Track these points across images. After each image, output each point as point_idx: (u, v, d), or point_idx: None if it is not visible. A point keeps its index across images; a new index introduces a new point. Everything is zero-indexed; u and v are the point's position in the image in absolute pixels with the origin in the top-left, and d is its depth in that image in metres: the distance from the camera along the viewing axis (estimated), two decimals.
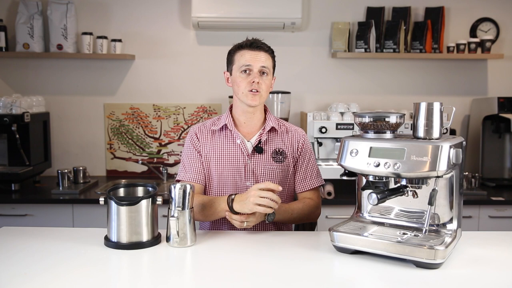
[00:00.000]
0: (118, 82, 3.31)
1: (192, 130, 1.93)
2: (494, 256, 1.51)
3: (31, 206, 2.70)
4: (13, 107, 2.87)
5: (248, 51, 1.80)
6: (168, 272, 1.38)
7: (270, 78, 1.85)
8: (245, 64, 1.79)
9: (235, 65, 1.83)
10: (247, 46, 1.81)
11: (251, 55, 1.80)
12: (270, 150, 1.88)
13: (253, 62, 1.79)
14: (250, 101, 1.80)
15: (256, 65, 1.79)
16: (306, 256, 1.50)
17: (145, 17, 3.26)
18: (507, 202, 2.74)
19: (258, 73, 1.79)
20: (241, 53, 1.81)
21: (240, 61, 1.81)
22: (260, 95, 1.81)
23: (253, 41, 1.82)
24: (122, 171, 3.34)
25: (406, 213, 1.58)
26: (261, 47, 1.81)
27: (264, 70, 1.80)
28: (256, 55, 1.80)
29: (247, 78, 1.79)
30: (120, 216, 1.55)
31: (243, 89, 1.80)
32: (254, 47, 1.80)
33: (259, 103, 1.82)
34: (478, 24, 3.29)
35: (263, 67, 1.80)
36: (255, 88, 1.78)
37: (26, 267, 1.39)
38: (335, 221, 2.58)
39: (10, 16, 3.20)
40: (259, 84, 1.78)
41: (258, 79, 1.78)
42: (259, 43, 1.82)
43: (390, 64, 3.33)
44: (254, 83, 1.78)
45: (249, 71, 1.79)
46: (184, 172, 1.89)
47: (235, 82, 1.83)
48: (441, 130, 1.46)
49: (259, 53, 1.80)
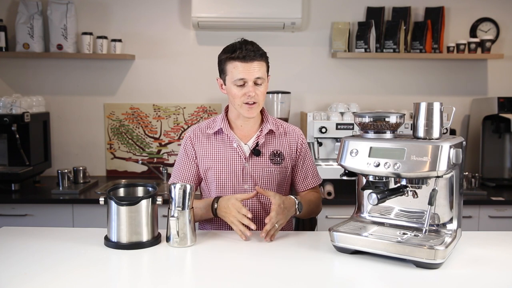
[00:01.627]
0: (118, 82, 3.31)
1: (187, 135, 1.90)
2: (494, 256, 1.51)
3: (31, 206, 2.70)
4: (13, 107, 2.87)
5: (241, 63, 1.72)
6: (168, 272, 1.38)
7: (266, 84, 1.80)
8: (239, 78, 1.72)
9: (228, 76, 1.76)
10: (238, 59, 1.72)
11: (244, 67, 1.72)
12: (268, 152, 1.86)
13: (247, 75, 1.72)
14: (247, 114, 1.77)
15: (251, 78, 1.73)
16: (306, 256, 1.51)
17: (145, 17, 3.26)
18: (507, 202, 2.74)
19: (252, 84, 1.74)
20: (233, 64, 1.73)
21: (233, 73, 1.73)
22: (257, 105, 1.77)
23: (246, 53, 1.72)
24: (122, 171, 3.34)
25: (406, 213, 1.58)
26: (253, 58, 1.72)
27: (258, 81, 1.75)
28: (249, 67, 1.72)
29: (242, 90, 1.74)
30: (120, 216, 1.55)
31: (238, 101, 1.76)
32: (246, 60, 1.71)
33: (255, 113, 1.79)
34: (478, 24, 3.29)
35: (257, 78, 1.74)
36: (251, 101, 1.75)
37: (26, 267, 1.39)
38: (335, 221, 2.57)
39: (10, 16, 3.20)
40: (255, 96, 1.74)
41: (253, 91, 1.73)
42: (250, 54, 1.72)
43: (390, 64, 3.33)
44: (249, 97, 1.74)
45: (243, 83, 1.74)
46: (173, 177, 1.91)
47: (230, 93, 1.78)
48: (441, 130, 1.46)
49: (252, 64, 1.72)
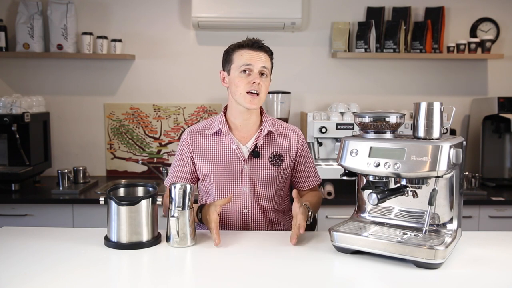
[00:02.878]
0: (118, 82, 3.31)
1: (184, 136, 1.89)
2: (494, 256, 1.51)
3: (31, 206, 2.70)
4: (13, 107, 2.87)
5: (249, 51, 1.75)
6: (168, 272, 1.38)
7: (269, 80, 1.81)
8: (246, 64, 1.74)
9: (234, 64, 1.77)
10: (248, 46, 1.76)
11: (252, 55, 1.75)
12: (267, 154, 1.83)
13: (254, 62, 1.74)
14: (249, 104, 1.75)
15: (257, 65, 1.74)
16: (306, 256, 1.50)
17: (145, 17, 3.26)
18: (507, 202, 2.74)
19: (258, 73, 1.75)
20: (240, 52, 1.76)
21: (240, 60, 1.75)
22: (259, 98, 1.76)
23: (254, 41, 1.78)
24: (122, 171, 3.34)
25: (406, 213, 1.57)
26: (262, 47, 1.77)
27: (264, 71, 1.76)
28: (256, 55, 1.75)
29: (246, 78, 1.74)
30: (120, 216, 1.55)
31: (241, 89, 1.74)
32: (255, 47, 1.76)
33: (257, 106, 1.78)
34: (478, 24, 3.29)
35: (263, 67, 1.75)
36: (255, 89, 1.73)
37: (26, 267, 1.39)
38: (335, 221, 2.57)
39: (10, 16, 3.20)
40: (259, 85, 1.74)
41: (259, 79, 1.74)
42: (260, 43, 1.78)
43: (390, 64, 3.33)
44: (254, 84, 1.73)
45: (249, 71, 1.74)
46: (169, 178, 1.90)
47: (233, 82, 1.77)
48: (441, 130, 1.46)
49: (259, 54, 1.76)
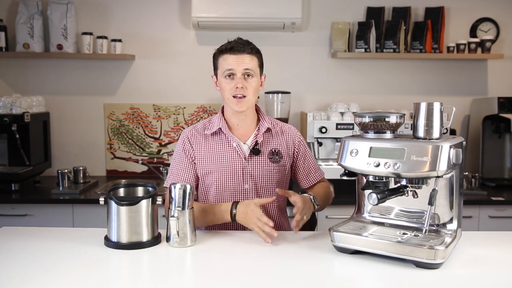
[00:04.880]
0: (118, 82, 3.31)
1: (183, 135, 1.88)
2: (494, 256, 1.51)
3: (31, 206, 2.70)
4: (13, 107, 2.87)
5: (230, 55, 1.74)
6: (168, 272, 1.38)
7: (257, 79, 1.79)
8: (228, 69, 1.74)
9: (219, 70, 1.79)
10: (227, 50, 1.75)
11: (233, 59, 1.74)
12: (267, 151, 1.86)
13: (235, 66, 1.73)
14: (236, 107, 1.77)
15: (239, 69, 1.73)
16: (306, 256, 1.51)
17: (145, 17, 3.26)
18: (507, 202, 2.74)
19: (242, 77, 1.74)
20: (223, 57, 1.76)
21: (223, 65, 1.76)
22: (247, 100, 1.76)
23: (234, 44, 1.75)
24: (122, 171, 3.34)
25: (406, 213, 1.58)
26: (242, 50, 1.74)
27: (248, 72, 1.75)
28: (238, 58, 1.74)
29: (231, 83, 1.75)
30: (120, 216, 1.55)
31: (227, 94, 1.76)
32: (235, 50, 1.74)
33: (246, 108, 1.78)
34: (478, 24, 3.29)
35: (246, 69, 1.74)
36: (239, 93, 1.74)
37: (26, 267, 1.39)
38: (335, 221, 2.56)
39: (10, 16, 3.20)
40: (243, 88, 1.74)
41: (242, 83, 1.73)
42: (240, 46, 1.75)
43: (390, 64, 3.33)
44: (237, 89, 1.74)
45: (232, 76, 1.75)
46: (172, 179, 1.84)
47: (221, 87, 1.79)
48: (441, 130, 1.46)
49: (241, 55, 1.74)
